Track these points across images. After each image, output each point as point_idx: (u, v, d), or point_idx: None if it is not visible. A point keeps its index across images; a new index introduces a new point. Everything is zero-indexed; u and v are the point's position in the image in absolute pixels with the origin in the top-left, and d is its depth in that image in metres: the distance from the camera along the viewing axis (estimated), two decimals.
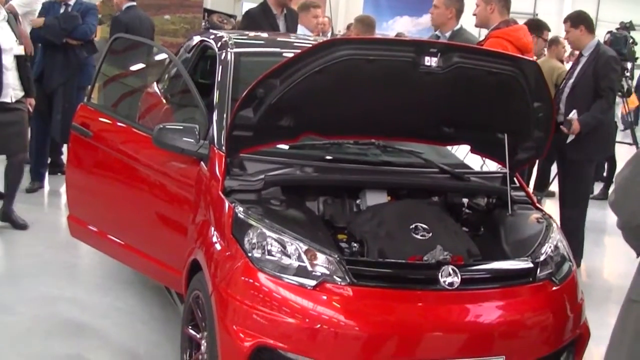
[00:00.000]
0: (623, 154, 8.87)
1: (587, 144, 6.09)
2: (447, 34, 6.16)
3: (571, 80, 6.36)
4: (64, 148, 7.68)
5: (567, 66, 10.57)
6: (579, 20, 6.41)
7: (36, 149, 7.56)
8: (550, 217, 3.90)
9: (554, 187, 9.01)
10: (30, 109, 6.66)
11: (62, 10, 7.48)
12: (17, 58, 6.30)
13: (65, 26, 7.31)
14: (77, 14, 7.39)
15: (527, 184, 4.93)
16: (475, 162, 4.31)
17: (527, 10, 26.34)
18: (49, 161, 7.94)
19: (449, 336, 3.20)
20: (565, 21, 6.56)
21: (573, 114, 6.09)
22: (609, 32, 8.64)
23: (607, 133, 6.63)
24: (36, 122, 7.53)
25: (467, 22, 6.12)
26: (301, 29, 7.48)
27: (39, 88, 7.40)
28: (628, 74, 9.08)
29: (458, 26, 6.20)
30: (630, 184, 2.18)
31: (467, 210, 4.00)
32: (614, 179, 2.23)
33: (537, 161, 5.94)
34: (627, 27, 8.97)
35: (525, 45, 5.57)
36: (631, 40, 9.00)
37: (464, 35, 6.13)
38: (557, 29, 25.55)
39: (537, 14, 26.41)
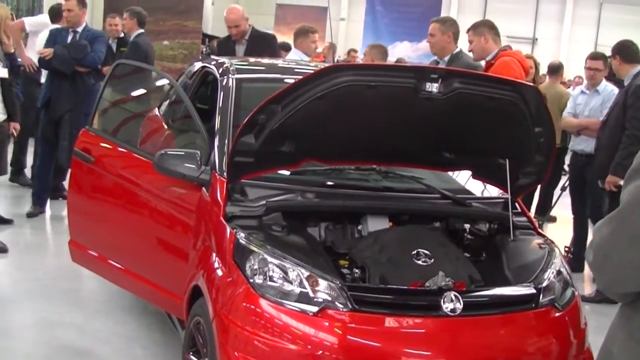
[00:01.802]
0: None
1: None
2: (446, 59, 6.18)
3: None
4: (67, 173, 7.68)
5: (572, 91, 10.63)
6: (615, 51, 6.52)
7: (40, 174, 7.56)
8: (552, 242, 3.90)
9: (555, 212, 9.06)
10: (15, 134, 6.65)
11: (69, 37, 7.45)
12: (2, 81, 6.29)
13: (75, 55, 7.28)
14: (86, 43, 7.36)
15: (529, 209, 4.93)
16: (477, 187, 4.31)
17: (527, 35, 26.50)
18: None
19: None
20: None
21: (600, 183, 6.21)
22: (609, 56, 8.68)
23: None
24: (42, 147, 7.55)
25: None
26: (298, 54, 7.55)
27: (46, 114, 7.42)
28: None
29: (457, 50, 6.22)
30: (609, 248, 1.93)
31: (468, 236, 3.99)
32: (593, 232, 2.02)
33: (539, 186, 5.94)
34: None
35: (528, 68, 5.91)
36: None
37: (462, 59, 6.14)
38: (556, 53, 25.63)
39: (536, 39, 26.60)
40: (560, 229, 8.51)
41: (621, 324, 2.03)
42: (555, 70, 9.57)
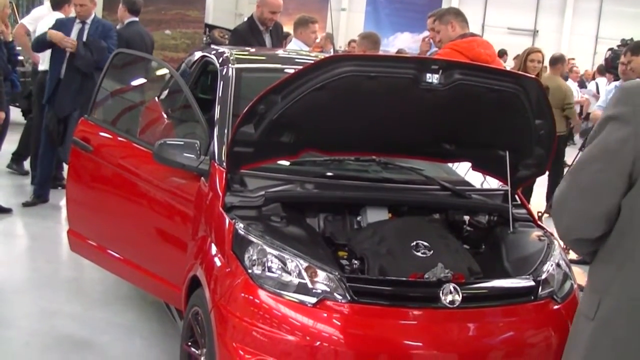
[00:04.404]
0: None
1: None
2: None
3: None
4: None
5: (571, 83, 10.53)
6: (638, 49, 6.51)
7: (41, 165, 7.51)
8: (552, 234, 3.89)
9: None
10: None
11: (76, 28, 7.28)
12: None
13: (97, 58, 7.09)
14: (105, 45, 7.17)
15: (528, 202, 4.92)
16: (477, 179, 4.30)
17: (528, 27, 26.45)
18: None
19: (449, 355, 3.18)
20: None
21: None
22: (610, 49, 8.67)
23: None
24: (45, 138, 7.47)
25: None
26: (298, 44, 7.51)
27: (50, 110, 7.35)
28: None
29: None
30: (564, 199, 2.29)
31: (468, 228, 3.99)
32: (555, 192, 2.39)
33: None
34: (628, 44, 9.00)
35: (478, 55, 5.25)
36: None
37: None
38: (557, 45, 25.56)
39: (537, 31, 26.55)
40: None
41: (587, 280, 2.39)
42: (555, 62, 9.49)
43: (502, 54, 15.81)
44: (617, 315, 2.22)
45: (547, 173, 4.71)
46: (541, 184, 7.54)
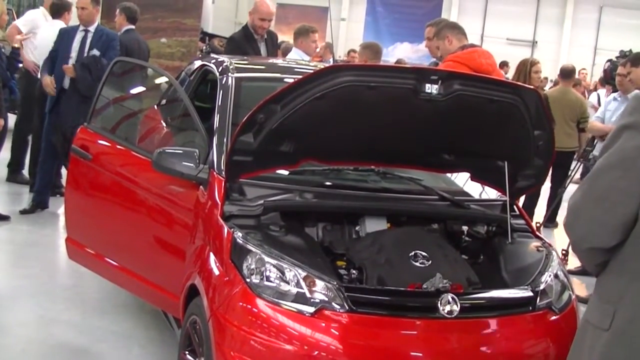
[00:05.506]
0: None
1: None
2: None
3: None
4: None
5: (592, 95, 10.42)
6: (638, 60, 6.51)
7: (41, 173, 7.48)
8: (550, 245, 3.89)
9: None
10: None
11: (79, 36, 7.24)
12: None
13: (97, 75, 6.89)
14: (106, 62, 6.97)
15: (531, 214, 4.91)
16: (475, 189, 4.30)
17: (527, 38, 26.50)
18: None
19: None
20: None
21: None
22: (609, 60, 8.67)
23: None
24: (46, 145, 7.44)
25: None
26: (299, 53, 7.54)
27: (53, 122, 7.32)
28: None
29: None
30: (579, 208, 2.28)
31: (466, 238, 3.99)
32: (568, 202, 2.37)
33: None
34: (627, 55, 9.01)
35: (479, 66, 5.23)
36: None
37: None
38: (556, 56, 25.59)
39: (536, 42, 26.61)
40: (558, 233, 8.50)
41: (595, 291, 2.36)
42: (569, 74, 9.30)
43: (504, 65, 15.84)
44: (634, 326, 2.20)
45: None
46: (542, 195, 7.55)
